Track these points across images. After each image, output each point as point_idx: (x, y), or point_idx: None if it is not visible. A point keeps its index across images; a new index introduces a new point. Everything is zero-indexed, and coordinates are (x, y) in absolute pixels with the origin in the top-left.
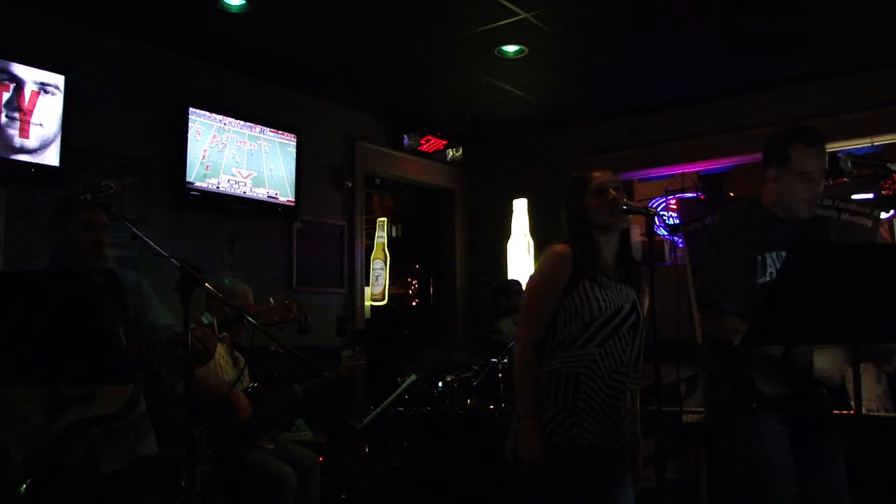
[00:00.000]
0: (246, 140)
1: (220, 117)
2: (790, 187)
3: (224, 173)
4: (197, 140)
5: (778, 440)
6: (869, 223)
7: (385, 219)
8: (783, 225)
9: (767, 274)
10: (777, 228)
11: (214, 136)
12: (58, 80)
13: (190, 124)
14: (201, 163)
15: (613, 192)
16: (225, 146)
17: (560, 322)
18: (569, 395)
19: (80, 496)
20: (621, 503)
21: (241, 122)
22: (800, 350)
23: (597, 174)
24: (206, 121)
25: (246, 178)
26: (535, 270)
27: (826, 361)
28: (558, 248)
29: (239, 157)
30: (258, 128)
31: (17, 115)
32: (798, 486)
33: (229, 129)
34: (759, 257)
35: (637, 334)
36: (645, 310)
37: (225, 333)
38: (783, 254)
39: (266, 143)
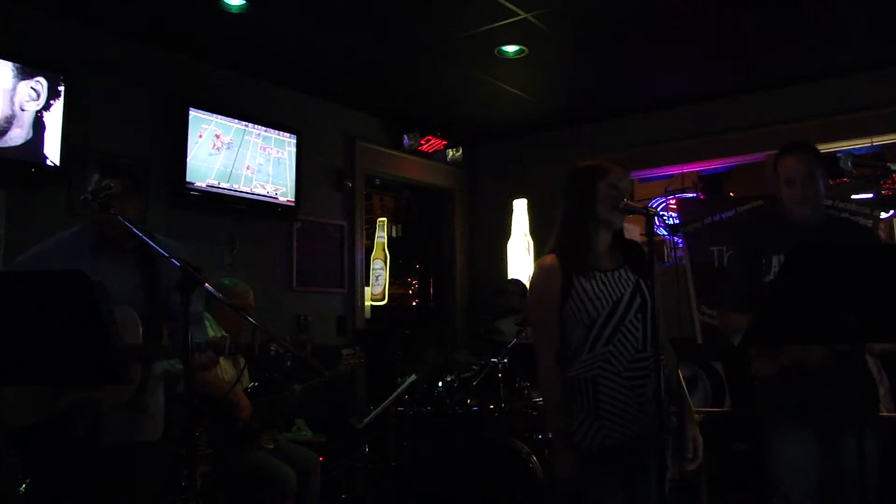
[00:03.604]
0: (246, 140)
1: (220, 117)
2: (784, 194)
3: (224, 173)
4: (197, 140)
5: (799, 433)
6: (869, 223)
7: (385, 219)
8: (790, 228)
9: (772, 273)
10: (783, 231)
11: (214, 136)
12: (58, 80)
13: (190, 124)
14: (201, 163)
15: (625, 197)
16: (225, 146)
17: (567, 330)
18: (590, 399)
19: (79, 469)
20: (639, 495)
21: (242, 122)
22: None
23: (613, 167)
24: (206, 120)
25: (246, 177)
26: (529, 290)
27: None
28: (546, 260)
29: (239, 156)
30: (258, 128)
31: (17, 115)
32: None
33: (229, 129)
34: (765, 259)
35: (647, 316)
36: (655, 292)
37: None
38: None
39: (266, 143)
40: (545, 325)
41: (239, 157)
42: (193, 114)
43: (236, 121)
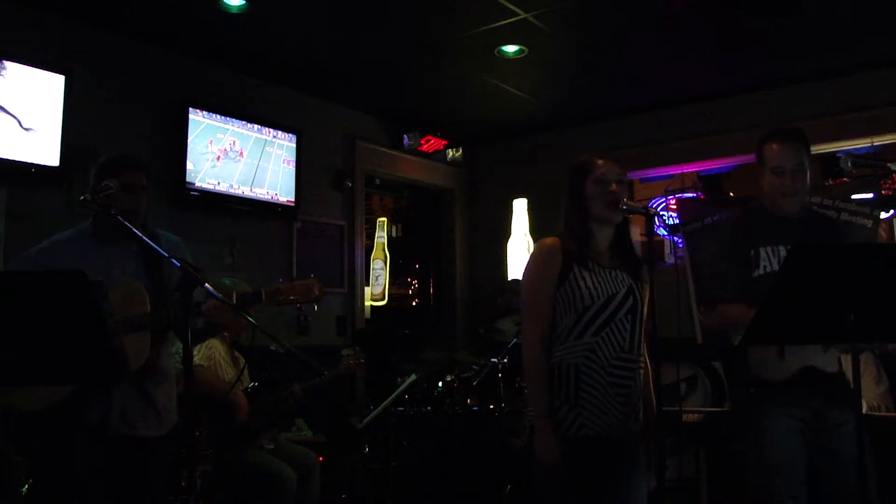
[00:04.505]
0: (246, 140)
1: (219, 117)
2: (768, 183)
3: (224, 173)
4: (197, 140)
5: (787, 436)
6: (869, 223)
7: (385, 219)
8: (776, 221)
9: (761, 267)
10: (770, 224)
11: (214, 136)
12: (58, 80)
13: (190, 124)
14: (201, 163)
15: (615, 187)
16: (225, 146)
17: (557, 314)
18: (570, 386)
19: (88, 457)
20: (631, 497)
21: (241, 122)
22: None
23: (600, 162)
24: (206, 121)
25: (246, 178)
26: (526, 267)
27: None
28: (547, 241)
29: (239, 156)
30: (258, 128)
31: (17, 115)
32: (808, 481)
33: (229, 129)
34: (752, 251)
35: (636, 319)
36: (645, 299)
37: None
38: (779, 248)
39: (266, 143)
40: (537, 303)
41: (239, 156)
42: (193, 114)
43: (236, 121)
